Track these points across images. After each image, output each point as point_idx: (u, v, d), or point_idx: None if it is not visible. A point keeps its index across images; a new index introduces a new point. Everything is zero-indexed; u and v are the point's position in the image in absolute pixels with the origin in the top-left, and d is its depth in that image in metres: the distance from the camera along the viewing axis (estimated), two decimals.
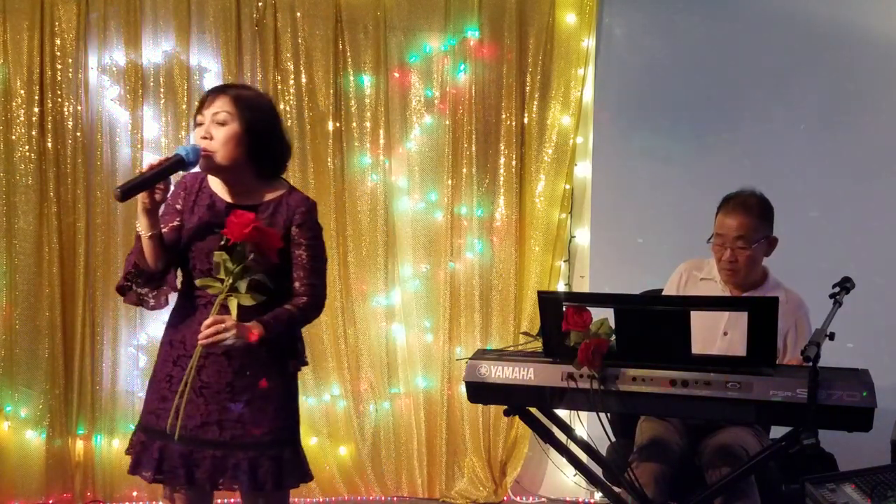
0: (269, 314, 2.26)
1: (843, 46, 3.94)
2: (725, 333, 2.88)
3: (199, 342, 2.17)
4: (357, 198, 4.11)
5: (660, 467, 2.72)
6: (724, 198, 2.94)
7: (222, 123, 2.28)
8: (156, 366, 2.42)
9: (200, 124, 2.31)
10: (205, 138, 2.28)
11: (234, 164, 2.29)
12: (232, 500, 3.85)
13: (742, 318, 2.76)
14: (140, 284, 2.34)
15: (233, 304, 2.16)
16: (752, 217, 2.84)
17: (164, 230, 2.32)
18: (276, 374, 2.36)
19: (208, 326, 2.16)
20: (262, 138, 2.33)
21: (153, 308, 2.42)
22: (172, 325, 2.39)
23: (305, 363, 2.46)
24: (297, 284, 2.34)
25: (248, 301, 2.16)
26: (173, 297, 2.44)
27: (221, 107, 2.29)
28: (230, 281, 2.16)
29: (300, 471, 2.39)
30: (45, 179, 3.89)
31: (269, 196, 2.37)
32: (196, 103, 3.88)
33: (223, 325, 2.16)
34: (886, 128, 3.95)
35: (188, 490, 2.35)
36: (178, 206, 2.38)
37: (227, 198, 2.36)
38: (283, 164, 2.43)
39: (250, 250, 2.17)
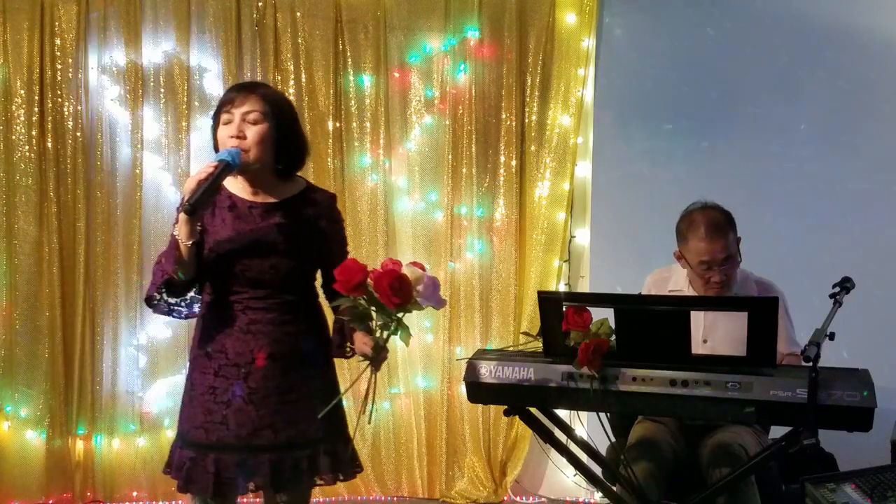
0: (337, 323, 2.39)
1: (843, 46, 3.93)
2: (705, 341, 2.88)
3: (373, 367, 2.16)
4: (357, 198, 4.11)
5: (648, 466, 2.71)
6: (688, 224, 2.85)
7: (254, 123, 2.26)
8: (192, 378, 2.33)
9: (227, 123, 2.28)
10: (238, 137, 2.25)
11: (262, 163, 2.28)
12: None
13: (719, 323, 2.81)
14: (172, 294, 2.29)
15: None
16: (728, 234, 2.80)
17: None
18: (320, 371, 2.37)
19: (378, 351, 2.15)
20: (290, 137, 2.33)
21: (187, 317, 2.39)
22: (208, 334, 2.31)
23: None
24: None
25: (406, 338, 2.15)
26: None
27: (253, 106, 2.26)
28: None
29: (353, 462, 2.39)
30: (45, 179, 3.90)
31: (290, 192, 2.36)
32: (196, 103, 3.97)
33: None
34: (887, 127, 3.95)
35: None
36: None
37: (246, 196, 2.33)
38: (303, 161, 2.42)
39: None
